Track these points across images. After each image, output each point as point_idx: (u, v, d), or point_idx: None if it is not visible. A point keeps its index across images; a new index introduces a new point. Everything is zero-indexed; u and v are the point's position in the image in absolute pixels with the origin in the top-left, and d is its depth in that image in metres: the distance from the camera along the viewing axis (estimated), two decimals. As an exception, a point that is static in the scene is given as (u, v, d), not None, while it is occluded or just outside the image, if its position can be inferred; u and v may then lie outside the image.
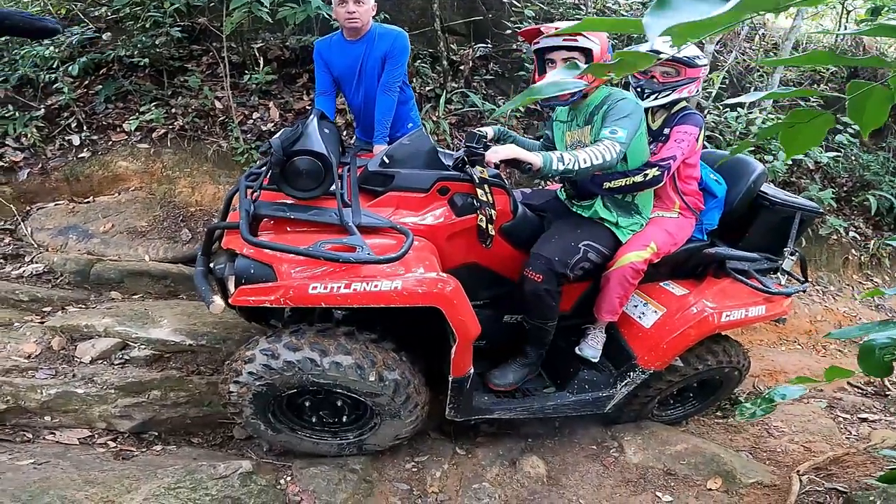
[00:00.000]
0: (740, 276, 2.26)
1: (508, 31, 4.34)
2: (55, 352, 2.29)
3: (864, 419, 2.94)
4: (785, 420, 2.74)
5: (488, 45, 4.38)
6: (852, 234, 4.69)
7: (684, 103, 2.26)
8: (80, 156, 3.44)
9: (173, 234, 3.24)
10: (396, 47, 2.58)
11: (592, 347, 2.29)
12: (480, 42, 4.38)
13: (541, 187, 3.18)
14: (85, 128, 3.54)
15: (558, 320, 2.16)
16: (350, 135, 3.43)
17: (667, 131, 2.21)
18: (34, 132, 3.40)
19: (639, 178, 2.08)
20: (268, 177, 1.89)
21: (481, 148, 1.92)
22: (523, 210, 2.20)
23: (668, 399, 2.60)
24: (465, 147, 1.96)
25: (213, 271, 1.91)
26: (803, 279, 2.46)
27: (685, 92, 2.21)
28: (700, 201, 2.32)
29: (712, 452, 2.35)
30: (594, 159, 1.83)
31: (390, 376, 1.87)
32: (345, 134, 3.58)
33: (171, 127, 3.57)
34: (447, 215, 2.00)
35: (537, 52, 2.06)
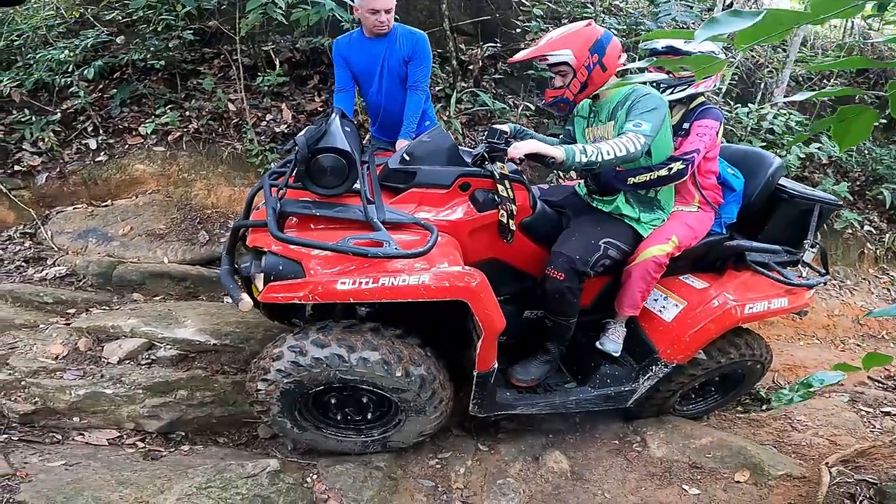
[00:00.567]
0: (761, 269, 2.26)
1: (517, 30, 4.35)
2: (82, 353, 2.30)
3: (887, 413, 2.92)
4: (808, 414, 2.73)
5: (497, 45, 4.39)
6: (867, 227, 4.67)
7: (703, 98, 2.27)
8: (97, 159, 3.47)
9: (191, 236, 3.26)
10: (419, 49, 2.66)
11: (614, 342, 2.28)
12: (489, 42, 4.39)
13: (555, 184, 3.19)
14: (101, 131, 3.57)
15: (578, 315, 2.16)
16: (362, 135, 3.45)
17: (686, 126, 2.21)
18: (51, 136, 3.43)
19: (663, 172, 2.08)
20: (292, 175, 1.91)
21: (502, 144, 1.93)
22: (542, 206, 2.20)
23: (690, 393, 2.59)
24: (486, 143, 1.97)
25: (238, 270, 1.92)
26: (824, 271, 2.45)
27: (701, 87, 2.21)
28: (719, 195, 2.32)
29: (738, 445, 2.34)
30: (618, 151, 1.83)
31: (416, 372, 1.88)
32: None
33: (185, 130, 3.60)
34: (469, 211, 2.01)
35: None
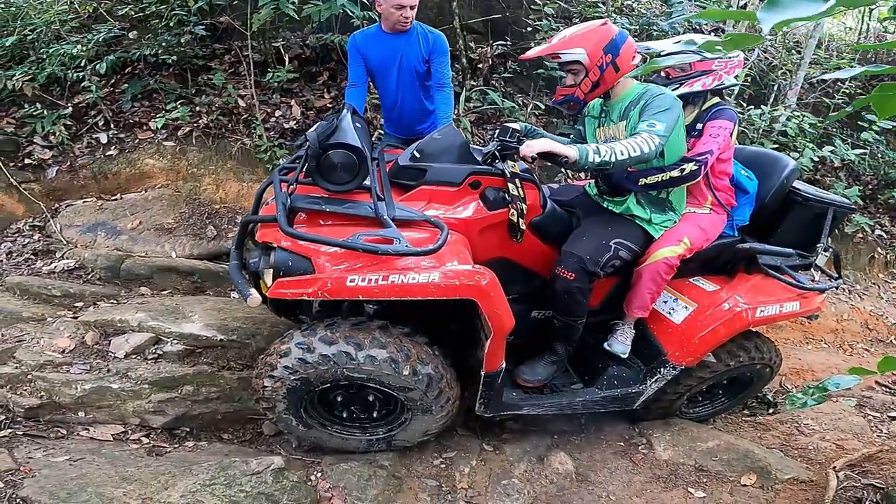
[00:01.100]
0: (773, 272, 2.24)
1: (528, 29, 4.32)
2: (89, 346, 2.31)
3: (895, 417, 2.89)
4: (815, 418, 2.70)
5: (507, 43, 4.37)
6: (878, 232, 4.62)
7: (717, 98, 2.24)
8: (107, 153, 3.48)
9: (199, 230, 3.27)
10: (438, 47, 2.69)
11: (622, 343, 2.27)
12: (499, 40, 4.37)
13: (565, 183, 3.17)
14: (112, 126, 3.58)
15: (586, 316, 2.15)
16: (371, 132, 3.44)
17: (700, 126, 2.19)
18: (62, 130, 3.43)
19: (675, 173, 2.05)
20: (303, 171, 1.90)
21: (514, 142, 1.92)
22: (552, 205, 2.19)
23: (697, 396, 2.57)
24: (498, 141, 1.96)
25: (246, 265, 1.91)
26: (836, 275, 2.43)
27: (697, 85, 2.18)
28: (732, 197, 2.30)
29: (745, 448, 2.33)
30: (631, 151, 1.81)
31: (424, 370, 1.87)
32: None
33: (195, 125, 3.60)
34: (479, 209, 2.00)
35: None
